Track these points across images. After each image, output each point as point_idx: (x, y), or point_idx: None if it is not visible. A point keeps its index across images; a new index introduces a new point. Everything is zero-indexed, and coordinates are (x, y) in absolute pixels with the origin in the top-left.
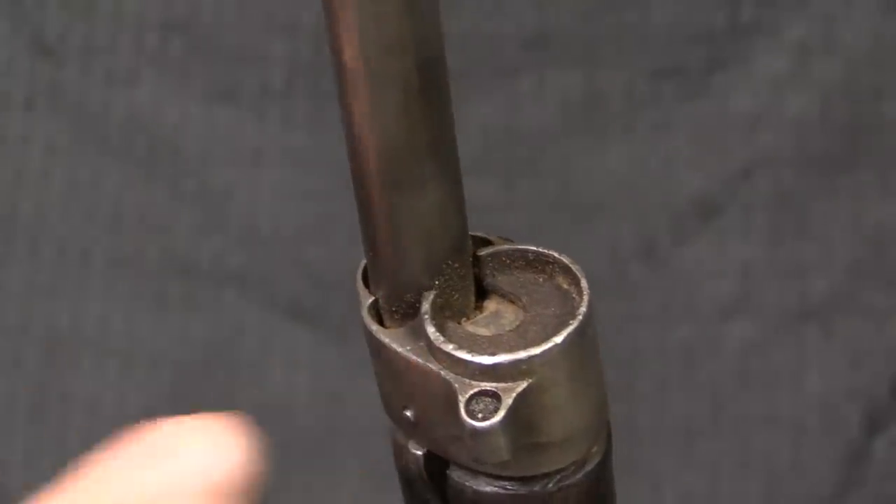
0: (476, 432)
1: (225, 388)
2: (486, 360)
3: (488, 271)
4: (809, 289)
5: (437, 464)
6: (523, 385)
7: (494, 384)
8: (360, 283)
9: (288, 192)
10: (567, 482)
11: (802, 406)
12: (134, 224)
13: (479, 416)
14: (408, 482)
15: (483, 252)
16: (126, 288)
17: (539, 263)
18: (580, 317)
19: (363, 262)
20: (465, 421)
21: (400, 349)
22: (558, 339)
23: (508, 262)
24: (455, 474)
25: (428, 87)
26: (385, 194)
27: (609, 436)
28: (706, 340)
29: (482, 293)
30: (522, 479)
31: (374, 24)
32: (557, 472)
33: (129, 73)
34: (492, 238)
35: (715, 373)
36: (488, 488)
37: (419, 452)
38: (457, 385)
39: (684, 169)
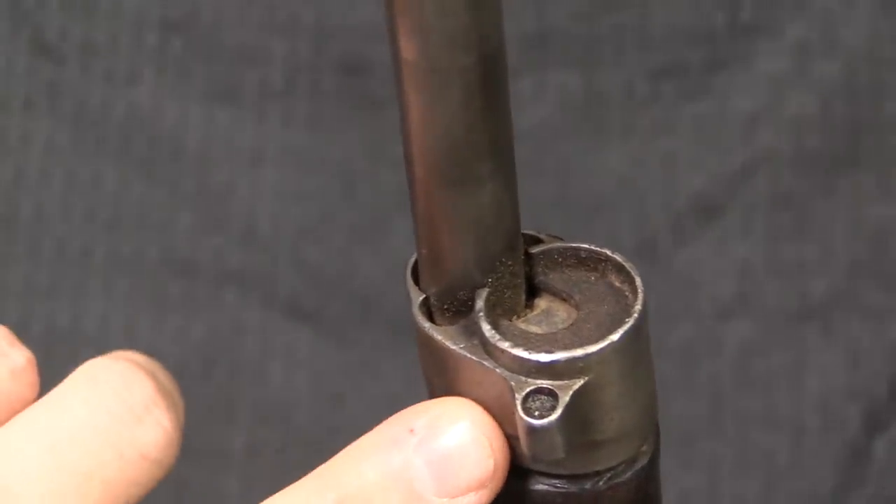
0: (533, 430)
1: (225, 388)
2: (544, 357)
3: (540, 269)
4: (809, 289)
5: None
6: (580, 383)
7: (551, 382)
8: (409, 281)
9: (288, 192)
10: (617, 480)
11: (802, 406)
12: (134, 224)
13: (536, 413)
14: None
15: (535, 250)
16: (126, 288)
17: (591, 261)
18: (636, 314)
19: (412, 258)
20: (522, 419)
21: (454, 346)
22: (615, 336)
23: (560, 260)
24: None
25: (489, 82)
26: (442, 191)
27: (658, 434)
28: (706, 340)
29: (532, 291)
30: (573, 478)
31: (440, 18)
32: (608, 469)
33: (129, 73)
34: (541, 236)
35: (715, 373)
36: (539, 486)
37: None
38: (513, 383)
39: (684, 169)
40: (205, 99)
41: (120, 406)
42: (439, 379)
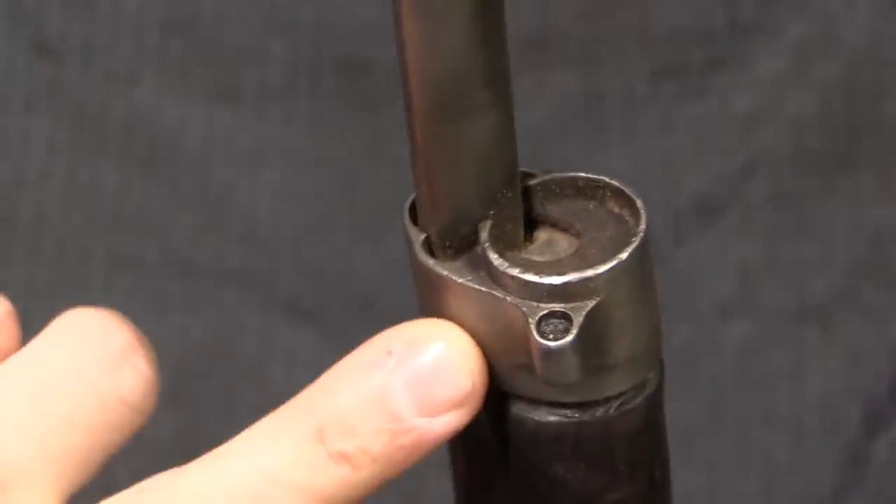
0: (550, 353)
1: (225, 388)
2: (556, 280)
3: (538, 201)
4: (809, 289)
5: (494, 398)
6: (591, 304)
7: (563, 305)
8: (408, 221)
9: (288, 192)
10: (628, 406)
11: (802, 406)
12: (134, 224)
13: (551, 336)
14: None
15: (533, 182)
16: (126, 288)
17: (589, 190)
18: (641, 234)
19: (409, 200)
20: (537, 342)
21: (461, 280)
22: (623, 255)
23: (558, 190)
24: (514, 407)
25: (488, 8)
26: (443, 123)
27: (662, 365)
28: (706, 340)
29: (531, 224)
30: (584, 406)
31: None
32: (618, 396)
33: (129, 73)
34: (534, 171)
35: (715, 373)
36: (550, 418)
37: None
38: (525, 308)
39: (684, 169)
40: (205, 99)
41: (100, 352)
42: (445, 317)
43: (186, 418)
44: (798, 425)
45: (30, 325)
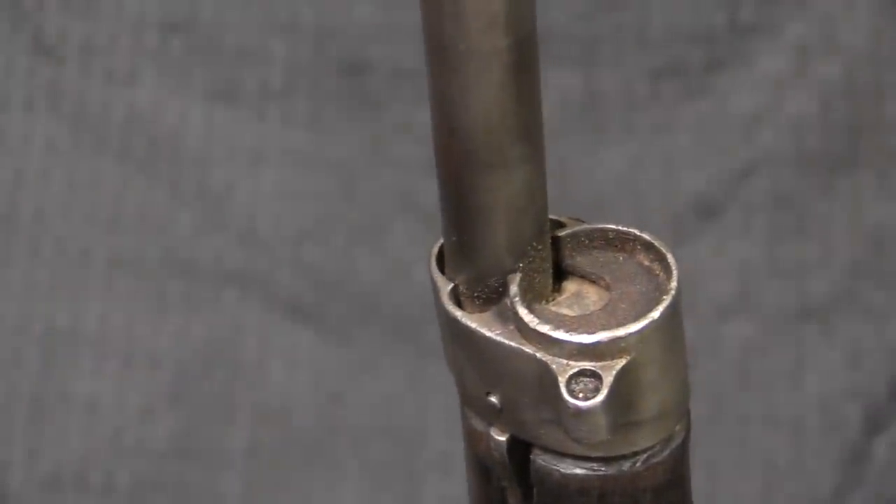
0: (580, 412)
1: (225, 388)
2: (586, 338)
3: (567, 252)
4: (809, 289)
5: (519, 449)
6: (622, 363)
7: (593, 363)
8: (434, 270)
9: (288, 192)
10: (655, 460)
11: (802, 406)
12: (134, 224)
13: (581, 395)
14: (484, 471)
15: (563, 233)
16: (126, 288)
17: (619, 242)
18: (673, 292)
19: (435, 248)
20: (567, 402)
21: (489, 333)
22: (655, 314)
23: (587, 242)
24: (540, 459)
25: (524, 65)
26: (477, 176)
27: (689, 414)
28: (706, 340)
29: (559, 275)
30: (611, 460)
31: (477, 1)
32: (645, 450)
33: (129, 73)
34: (563, 220)
35: (715, 373)
36: (577, 471)
37: (502, 438)
38: (554, 366)
39: (684, 169)
40: (205, 99)
41: None
42: (472, 368)
43: (186, 418)
44: (798, 425)
45: (30, 324)
